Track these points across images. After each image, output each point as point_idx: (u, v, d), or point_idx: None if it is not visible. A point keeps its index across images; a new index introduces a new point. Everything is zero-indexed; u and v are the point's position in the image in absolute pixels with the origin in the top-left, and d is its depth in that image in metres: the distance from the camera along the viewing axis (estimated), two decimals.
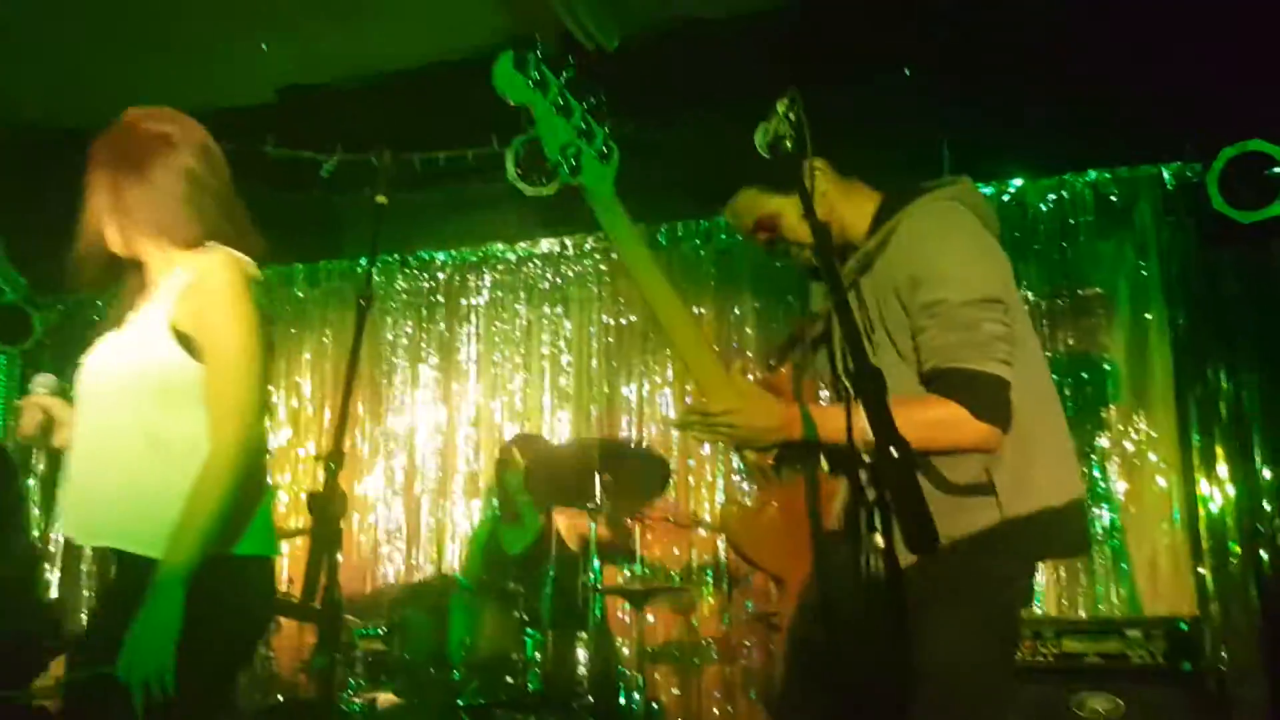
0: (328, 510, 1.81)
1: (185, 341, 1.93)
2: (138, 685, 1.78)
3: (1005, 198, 4.63)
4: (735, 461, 4.75)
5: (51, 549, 5.75)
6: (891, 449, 1.23)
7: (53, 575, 5.68)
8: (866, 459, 1.30)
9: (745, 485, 4.75)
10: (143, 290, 2.07)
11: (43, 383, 2.17)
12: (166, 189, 1.99)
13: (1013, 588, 1.98)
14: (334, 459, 1.84)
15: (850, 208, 2.08)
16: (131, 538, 1.91)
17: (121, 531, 1.93)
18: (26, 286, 5.51)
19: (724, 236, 5.04)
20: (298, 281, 5.61)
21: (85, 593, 5.59)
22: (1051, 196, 4.62)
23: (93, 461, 1.98)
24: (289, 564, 4.72)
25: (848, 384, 1.92)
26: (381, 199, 2.10)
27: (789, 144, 1.78)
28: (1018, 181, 4.62)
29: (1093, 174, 4.56)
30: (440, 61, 4.77)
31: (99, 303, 5.88)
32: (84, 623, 5.56)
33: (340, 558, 1.87)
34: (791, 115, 1.77)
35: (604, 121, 1.93)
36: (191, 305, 1.94)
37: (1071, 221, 4.55)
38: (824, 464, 2.05)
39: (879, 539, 1.21)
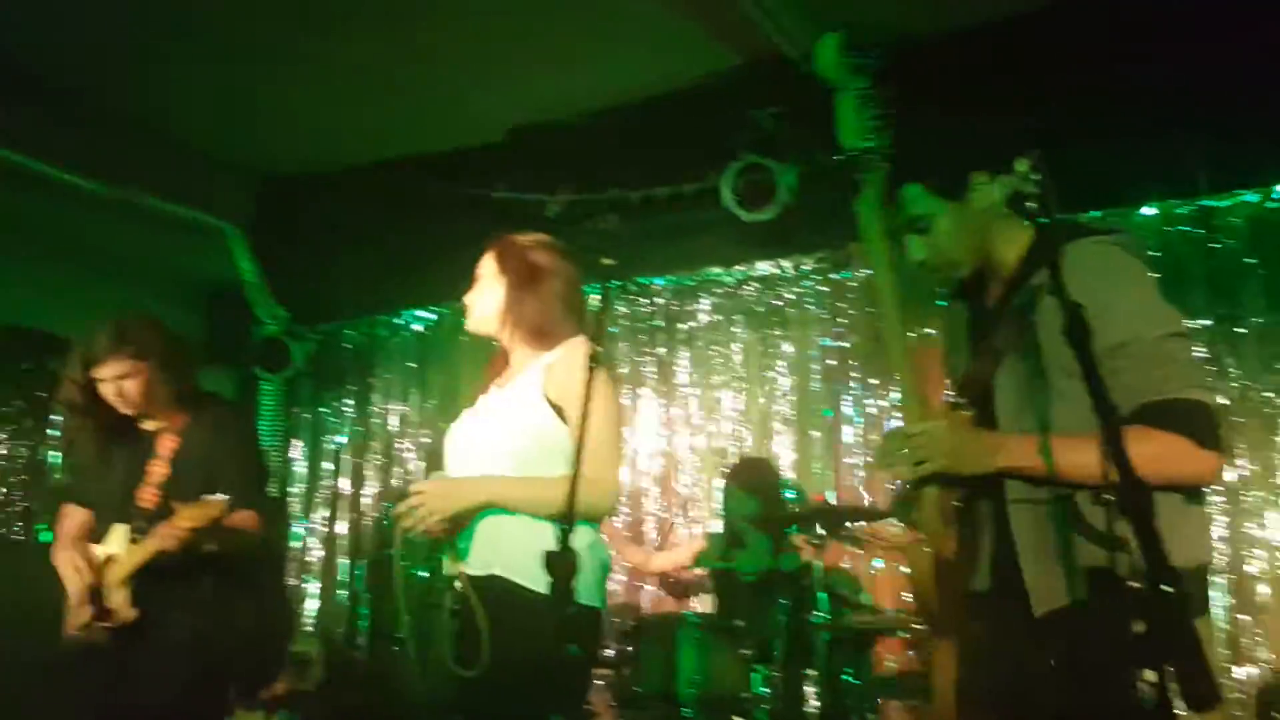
0: (565, 563, 1.89)
1: (556, 408, 2.41)
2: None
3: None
4: None
5: (308, 557, 6.22)
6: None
7: (310, 584, 6.16)
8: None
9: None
10: (503, 371, 2.61)
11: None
12: (548, 305, 2.54)
13: None
14: (566, 519, 1.91)
15: (1002, 235, 2.03)
16: (514, 568, 2.30)
17: (507, 564, 2.33)
18: (287, 319, 5.99)
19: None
20: None
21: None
22: None
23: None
24: None
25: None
26: (608, 261, 2.16)
27: (1032, 204, 1.72)
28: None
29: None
30: (659, 94, 4.86)
31: (348, 331, 6.36)
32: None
33: None
34: (1034, 176, 1.70)
35: (888, 129, 1.95)
36: (559, 379, 2.43)
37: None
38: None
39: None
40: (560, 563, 1.91)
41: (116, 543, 3.09)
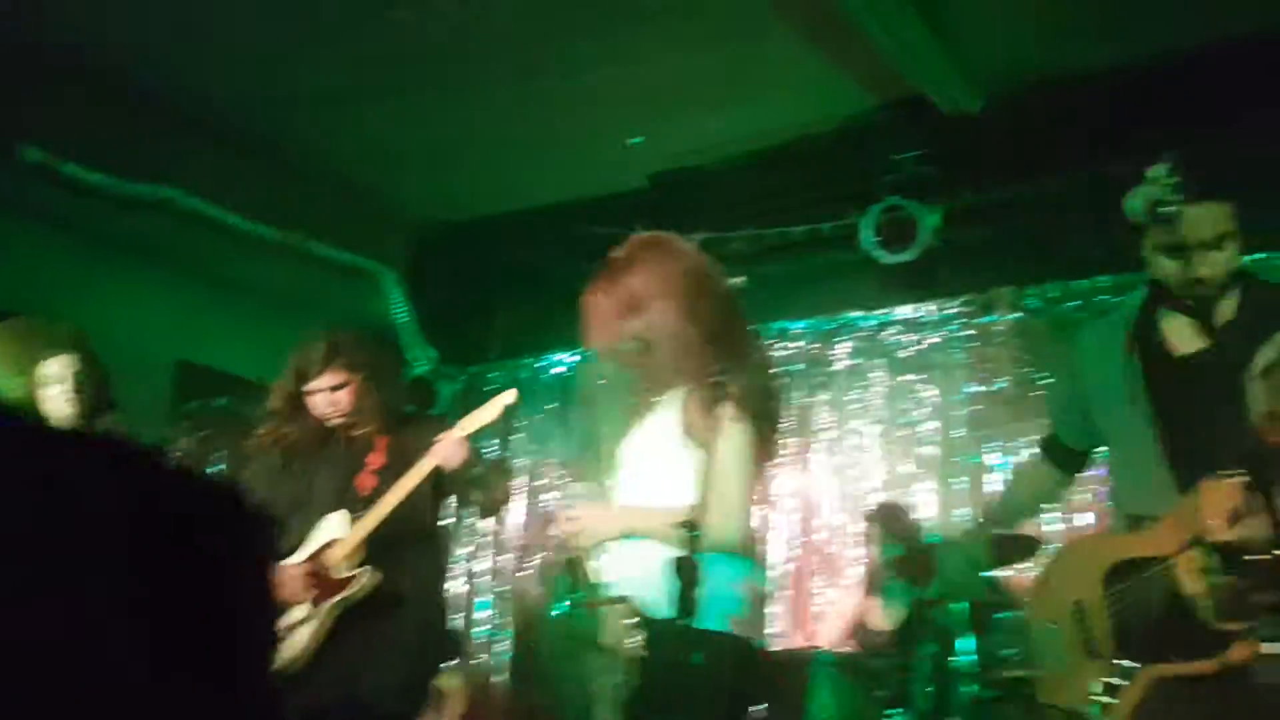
0: (690, 574, 1.90)
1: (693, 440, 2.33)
2: None
3: None
4: None
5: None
6: None
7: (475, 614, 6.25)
8: None
9: None
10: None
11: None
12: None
13: None
14: (690, 525, 1.93)
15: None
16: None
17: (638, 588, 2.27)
18: (437, 358, 6.19)
19: (1103, 298, 4.71)
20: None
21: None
22: None
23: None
24: None
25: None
26: (738, 280, 2.21)
27: (1170, 209, 1.67)
28: None
29: None
30: (799, 137, 4.89)
31: (493, 374, 6.53)
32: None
33: None
34: (1171, 180, 1.66)
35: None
36: (695, 414, 2.34)
37: None
38: None
39: None
40: (685, 569, 1.93)
41: (332, 531, 3.19)
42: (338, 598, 3.12)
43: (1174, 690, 1.99)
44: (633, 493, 2.44)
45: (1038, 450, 2.76)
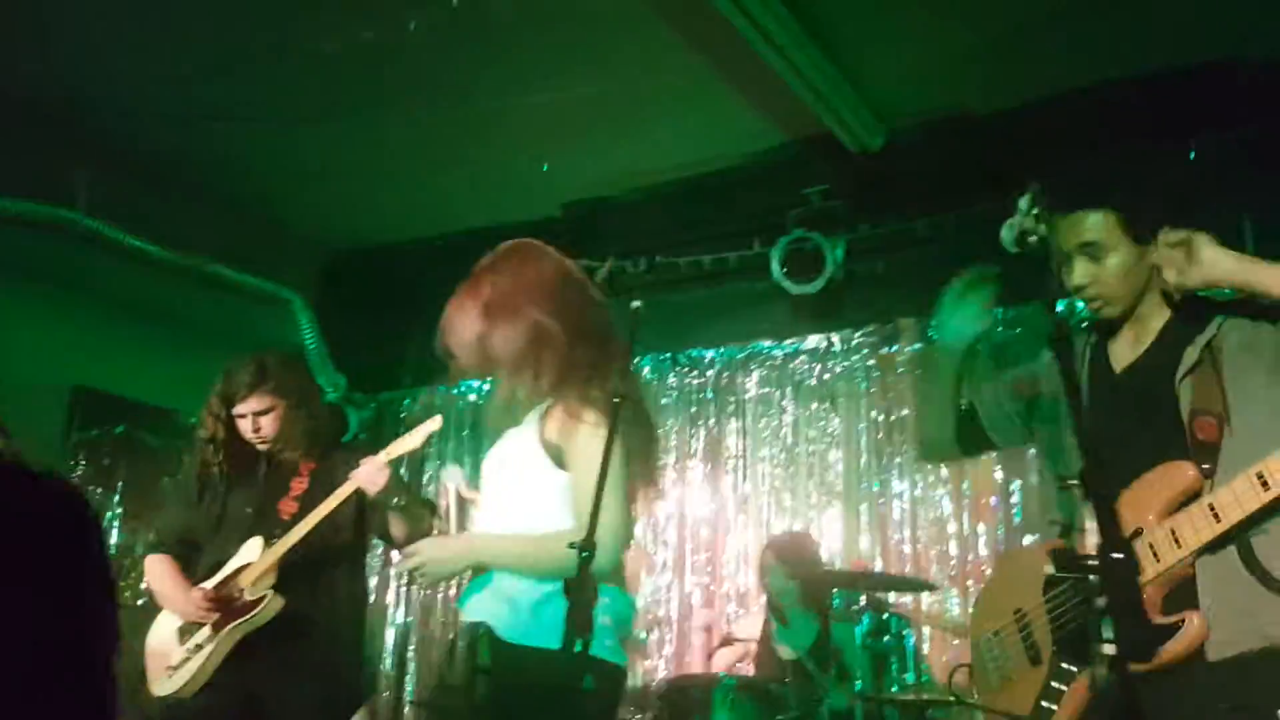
0: (582, 597, 1.90)
1: (554, 452, 2.23)
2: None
3: None
4: None
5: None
6: None
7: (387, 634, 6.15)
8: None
9: None
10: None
11: (453, 473, 2.57)
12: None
13: None
14: (586, 546, 1.93)
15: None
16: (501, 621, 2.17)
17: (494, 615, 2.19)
18: (345, 385, 6.12)
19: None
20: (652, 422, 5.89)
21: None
22: None
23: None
24: None
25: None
26: (637, 304, 2.21)
27: (1035, 240, 1.74)
28: None
29: None
30: (711, 170, 4.98)
31: (405, 402, 6.47)
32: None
33: None
34: (1035, 210, 1.73)
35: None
36: (555, 424, 2.25)
37: None
38: None
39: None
40: (575, 590, 1.93)
41: (248, 554, 3.17)
42: (238, 622, 3.08)
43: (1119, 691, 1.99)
44: (493, 515, 2.32)
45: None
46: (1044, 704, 2.07)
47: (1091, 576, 1.16)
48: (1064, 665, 2.07)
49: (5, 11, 4.04)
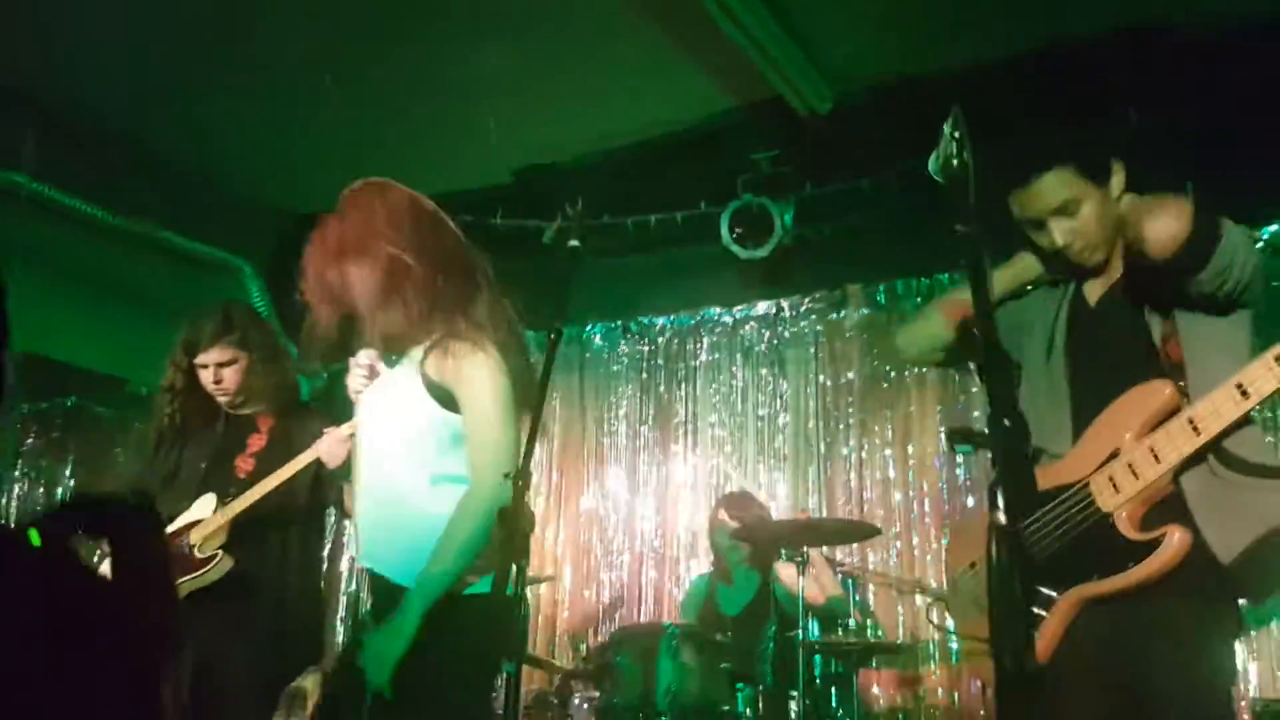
0: (517, 524, 1.93)
1: (437, 391, 2.20)
2: (365, 688, 2.04)
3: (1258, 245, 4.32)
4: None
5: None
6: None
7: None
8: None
9: None
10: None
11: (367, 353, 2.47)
12: None
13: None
14: (521, 476, 1.97)
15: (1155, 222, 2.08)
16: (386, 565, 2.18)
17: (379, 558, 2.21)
18: (295, 355, 6.09)
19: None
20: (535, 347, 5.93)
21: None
22: None
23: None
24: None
25: None
26: (575, 242, 2.25)
27: (955, 163, 1.79)
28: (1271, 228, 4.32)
29: None
30: (660, 135, 5.01)
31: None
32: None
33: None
34: (956, 134, 1.78)
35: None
36: (439, 363, 2.22)
37: None
38: None
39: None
40: (513, 518, 1.96)
41: (201, 510, 3.13)
42: (184, 579, 3.05)
43: (1094, 612, 2.04)
44: (374, 459, 2.27)
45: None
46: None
47: (988, 451, 1.20)
48: (1041, 590, 2.10)
49: None
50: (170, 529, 3.14)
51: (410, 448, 2.22)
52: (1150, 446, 2.02)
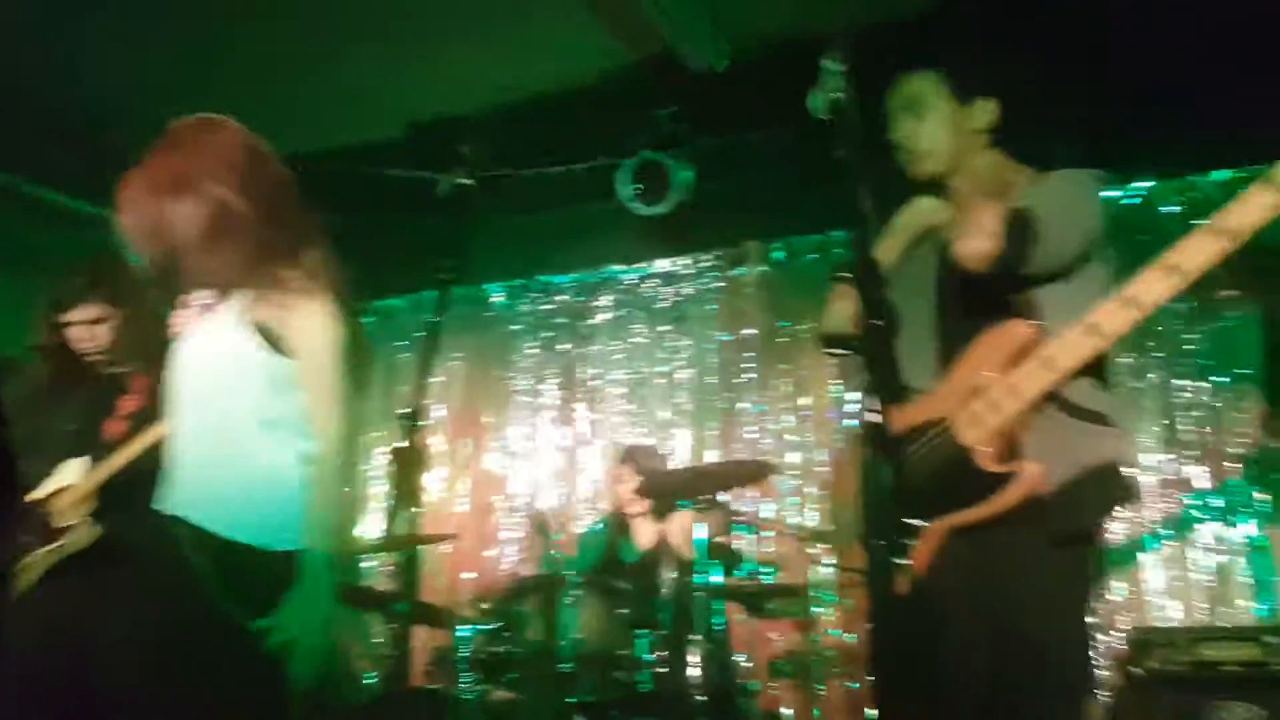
0: (410, 461, 1.92)
1: (268, 335, 2.15)
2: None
3: (1137, 200, 4.49)
4: None
5: None
6: None
7: None
8: None
9: None
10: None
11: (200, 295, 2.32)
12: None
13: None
14: (414, 417, 1.96)
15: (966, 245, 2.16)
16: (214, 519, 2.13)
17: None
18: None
19: (839, 251, 5.03)
20: (428, 307, 5.84)
21: None
22: (1181, 198, 4.45)
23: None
24: None
25: None
26: (465, 180, 2.22)
27: (836, 96, 1.81)
28: (1147, 183, 4.48)
29: (1226, 174, 4.37)
30: (557, 89, 4.96)
31: None
32: None
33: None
34: (837, 68, 1.80)
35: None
36: (270, 310, 2.17)
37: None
38: None
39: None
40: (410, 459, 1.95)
41: (71, 475, 2.97)
42: (45, 549, 2.92)
43: (961, 540, 2.12)
44: (193, 410, 2.22)
45: None
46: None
47: (858, 355, 1.23)
48: (911, 521, 2.13)
49: None
50: (34, 496, 2.99)
51: (237, 390, 2.16)
52: (1010, 383, 2.10)
